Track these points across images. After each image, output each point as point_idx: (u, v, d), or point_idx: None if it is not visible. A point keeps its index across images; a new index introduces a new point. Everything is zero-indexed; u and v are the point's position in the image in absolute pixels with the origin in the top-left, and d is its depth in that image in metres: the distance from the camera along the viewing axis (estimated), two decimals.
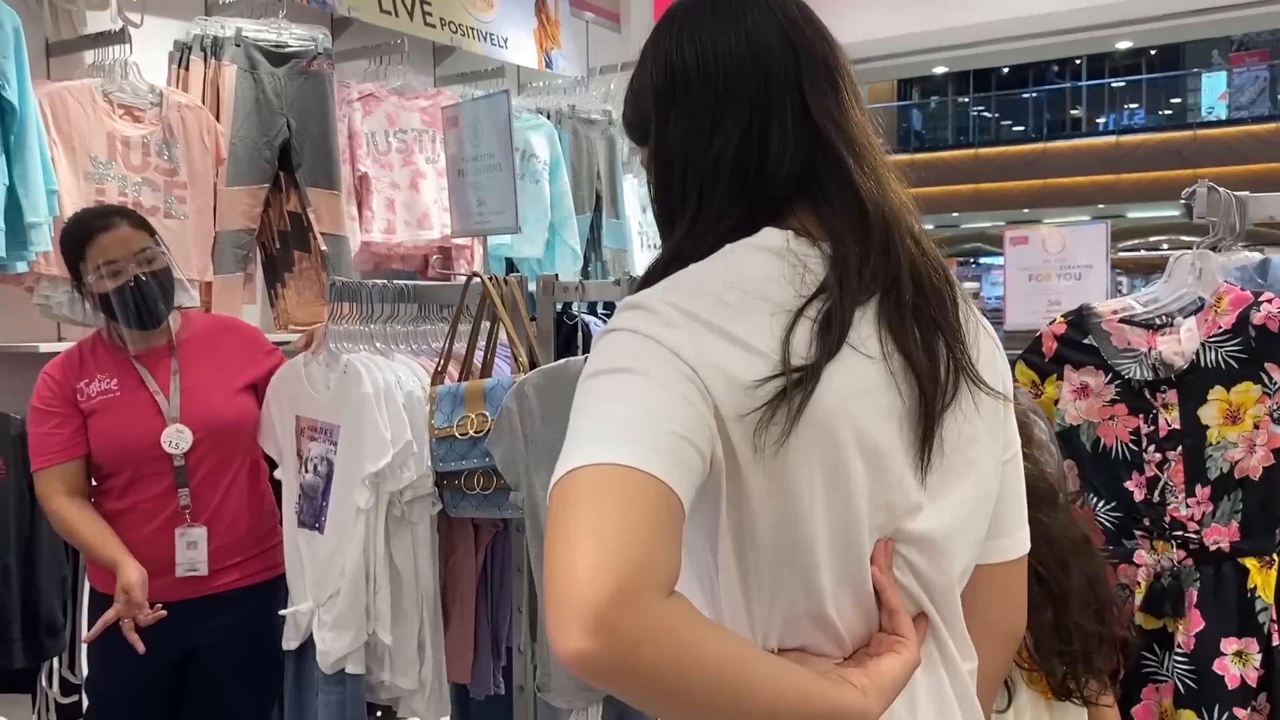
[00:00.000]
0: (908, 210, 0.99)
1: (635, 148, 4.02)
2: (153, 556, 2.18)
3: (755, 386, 0.86)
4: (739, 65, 0.97)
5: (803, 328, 0.89)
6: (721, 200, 0.96)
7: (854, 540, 0.91)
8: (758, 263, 0.92)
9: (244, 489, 2.35)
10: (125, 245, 2.19)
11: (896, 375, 0.92)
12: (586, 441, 0.81)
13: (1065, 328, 1.69)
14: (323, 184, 3.20)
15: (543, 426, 1.97)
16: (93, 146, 2.74)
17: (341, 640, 2.15)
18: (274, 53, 3.11)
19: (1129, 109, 19.10)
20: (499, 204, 2.29)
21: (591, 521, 0.76)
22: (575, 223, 4.03)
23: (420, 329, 2.41)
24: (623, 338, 0.88)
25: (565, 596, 0.73)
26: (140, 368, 2.26)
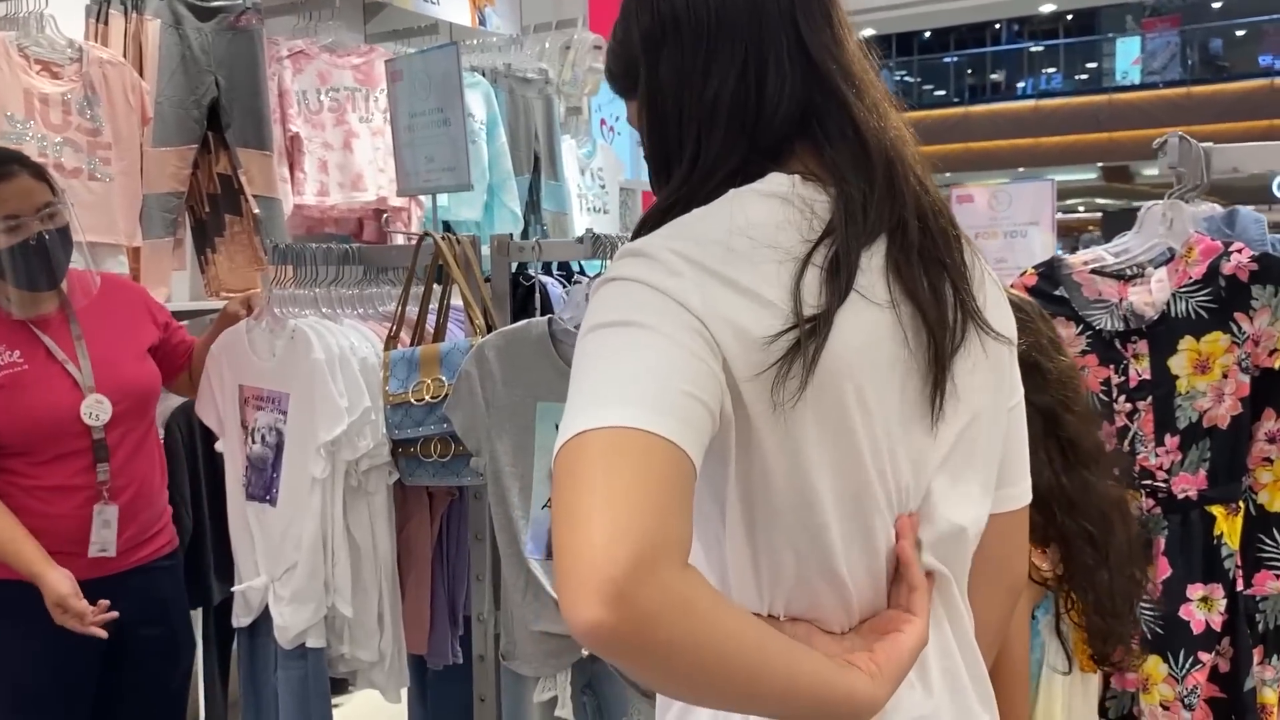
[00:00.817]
0: (908, 144, 0.97)
1: (574, 109, 3.97)
2: (70, 536, 2.06)
3: (769, 342, 0.83)
4: (731, 6, 0.94)
5: (811, 275, 0.86)
6: (721, 142, 0.92)
7: (862, 497, 0.89)
8: (764, 209, 0.89)
9: (152, 459, 2.25)
10: (28, 198, 2.02)
11: (904, 323, 0.90)
12: (592, 402, 0.77)
13: (1036, 279, 1.69)
14: (254, 144, 3.08)
15: (504, 390, 1.92)
16: (9, 104, 2.59)
17: (301, 614, 2.09)
18: (200, 7, 2.97)
19: (1047, 74, 19.44)
20: (448, 160, 2.21)
21: (604, 489, 0.73)
22: (514, 184, 3.95)
23: (366, 292, 2.33)
24: (624, 287, 0.84)
25: (580, 567, 0.71)
26: (44, 337, 2.08)
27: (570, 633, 0.72)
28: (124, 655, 2.18)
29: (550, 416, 1.91)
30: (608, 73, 1.05)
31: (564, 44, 4.41)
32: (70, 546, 2.05)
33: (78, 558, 2.06)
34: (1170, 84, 17.29)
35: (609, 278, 0.87)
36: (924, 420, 0.91)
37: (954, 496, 0.95)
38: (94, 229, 2.72)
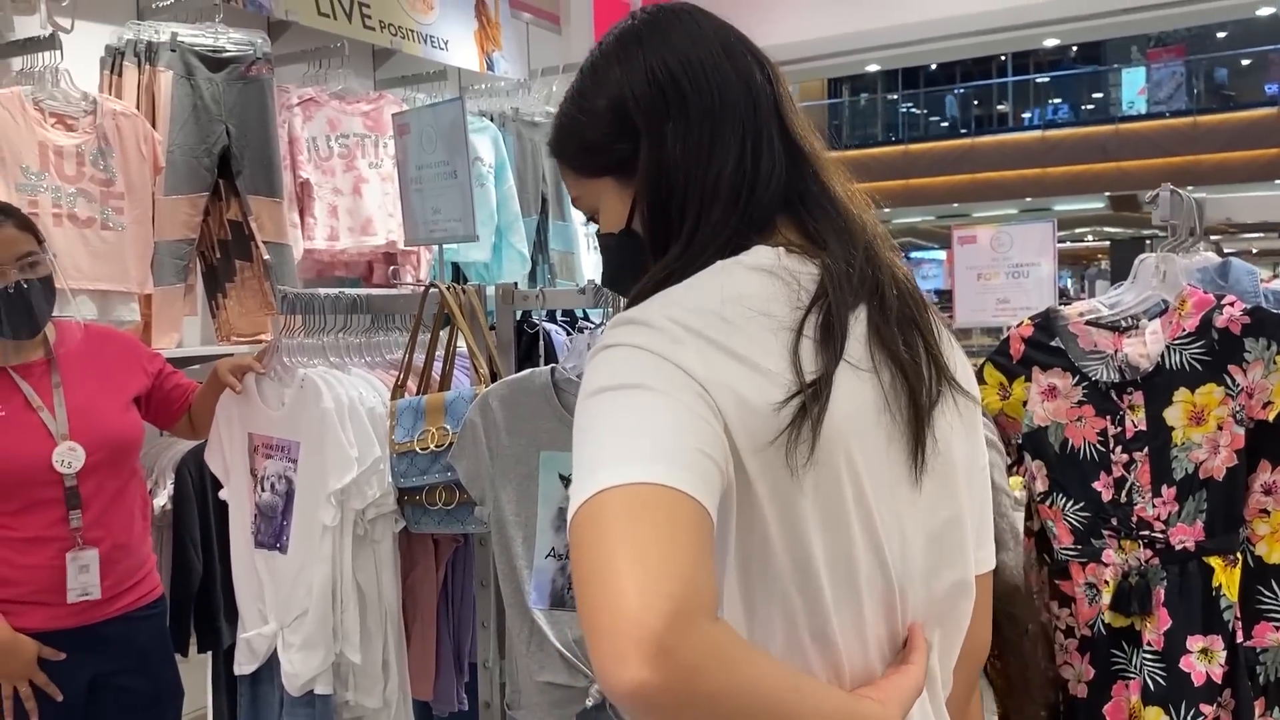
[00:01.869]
0: (875, 218, 1.02)
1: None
2: (46, 585, 2.08)
3: (777, 409, 0.85)
4: (728, 81, 0.98)
5: (805, 343, 0.89)
6: (719, 218, 0.95)
7: (853, 561, 0.91)
8: (753, 281, 0.92)
9: (134, 508, 2.26)
10: (10, 247, 2.05)
11: (886, 387, 0.93)
12: (607, 461, 0.77)
13: (1032, 330, 1.71)
14: (264, 191, 3.12)
15: (508, 439, 1.94)
16: (24, 157, 2.64)
17: (311, 661, 2.10)
18: (211, 58, 3.02)
19: (1053, 104, 19.52)
20: (455, 212, 2.25)
21: (633, 544, 0.72)
22: (522, 226, 4.00)
23: (374, 340, 2.36)
24: (626, 353, 0.86)
25: (617, 624, 0.69)
26: (23, 384, 2.11)
27: (608, 695, 0.71)
28: (104, 705, 2.20)
29: (553, 465, 1.93)
30: (566, 146, 1.04)
31: None
32: (47, 596, 2.08)
33: (56, 606, 2.08)
34: (1177, 113, 17.34)
35: (608, 344, 0.88)
36: (909, 476, 0.94)
37: (945, 551, 0.98)
38: (107, 277, 2.78)
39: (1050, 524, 1.70)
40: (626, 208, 1.01)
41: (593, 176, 1.03)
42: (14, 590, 2.07)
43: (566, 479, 1.92)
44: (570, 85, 1.05)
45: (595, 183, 1.03)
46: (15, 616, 2.07)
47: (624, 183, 1.00)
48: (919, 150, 18.42)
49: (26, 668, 2.06)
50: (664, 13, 1.03)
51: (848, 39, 6.34)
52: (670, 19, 1.01)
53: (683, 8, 1.03)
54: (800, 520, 0.87)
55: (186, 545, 2.80)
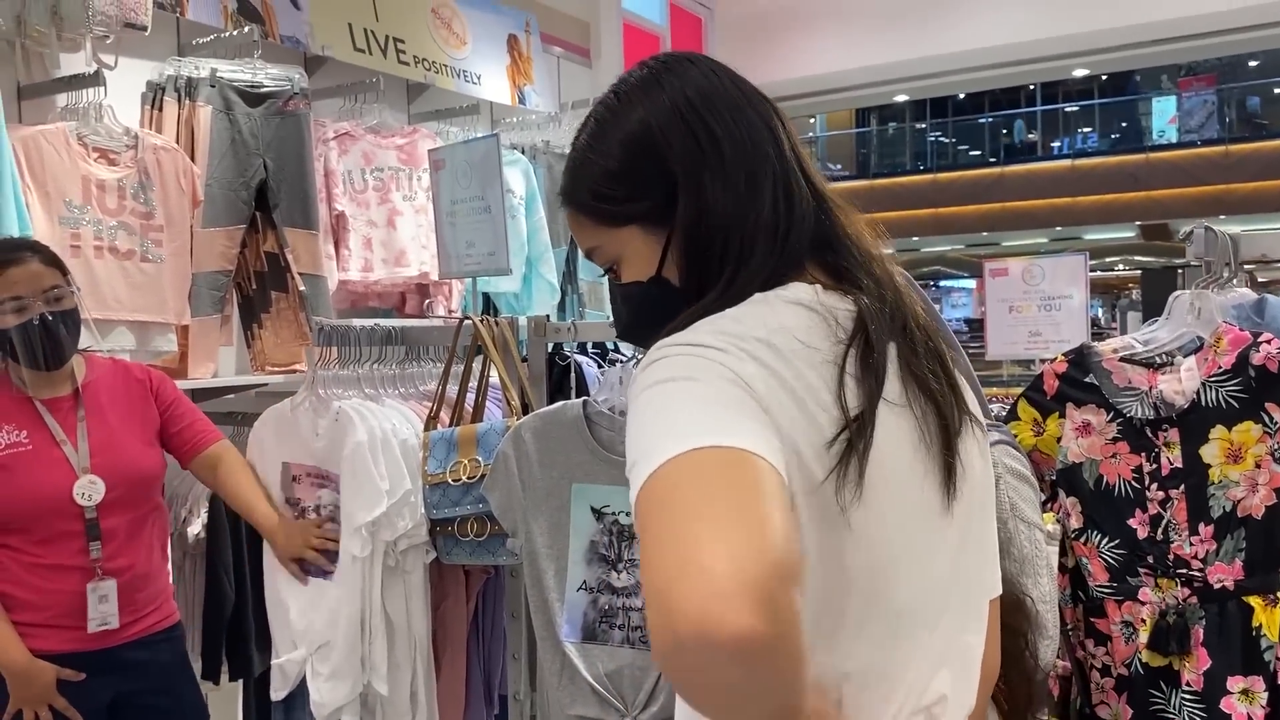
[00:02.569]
0: (887, 250, 1.04)
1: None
2: (67, 610, 2.14)
3: (828, 446, 0.85)
4: (754, 125, 0.99)
5: (846, 381, 0.90)
6: (758, 262, 0.96)
7: (889, 600, 0.91)
8: (792, 315, 0.92)
9: (153, 540, 2.30)
10: (34, 281, 2.11)
11: (919, 422, 0.94)
12: (670, 435, 0.75)
13: (1066, 366, 1.70)
14: (300, 224, 3.17)
15: (540, 471, 1.95)
16: (67, 190, 2.69)
17: (338, 691, 2.12)
18: (249, 93, 3.08)
19: (1083, 133, 19.45)
20: (489, 246, 2.28)
21: (727, 497, 0.69)
22: (552, 257, 4.03)
23: (408, 371, 2.38)
24: (677, 352, 0.85)
25: (718, 574, 0.64)
26: (49, 418, 2.17)
27: (694, 643, 0.64)
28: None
29: (586, 498, 1.94)
30: (588, 196, 1.01)
31: None
32: (68, 620, 2.14)
33: (76, 630, 2.14)
34: (1208, 142, 17.23)
35: (653, 359, 0.86)
36: (941, 504, 0.95)
37: (970, 576, 1.00)
38: (145, 309, 2.82)
39: (1085, 561, 1.68)
40: (656, 255, 1.00)
41: (618, 226, 1.01)
42: (36, 614, 2.13)
43: (599, 511, 1.92)
44: (583, 134, 1.03)
45: (619, 232, 1.01)
46: (37, 639, 2.12)
47: (652, 230, 1.00)
48: (948, 179, 18.39)
49: (45, 692, 2.11)
50: (677, 62, 1.03)
51: (879, 70, 6.37)
52: (687, 67, 1.02)
53: (694, 55, 1.04)
54: (845, 557, 0.88)
55: (219, 573, 2.82)
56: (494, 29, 4.40)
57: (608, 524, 1.92)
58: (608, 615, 1.88)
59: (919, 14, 6.09)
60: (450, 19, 4.18)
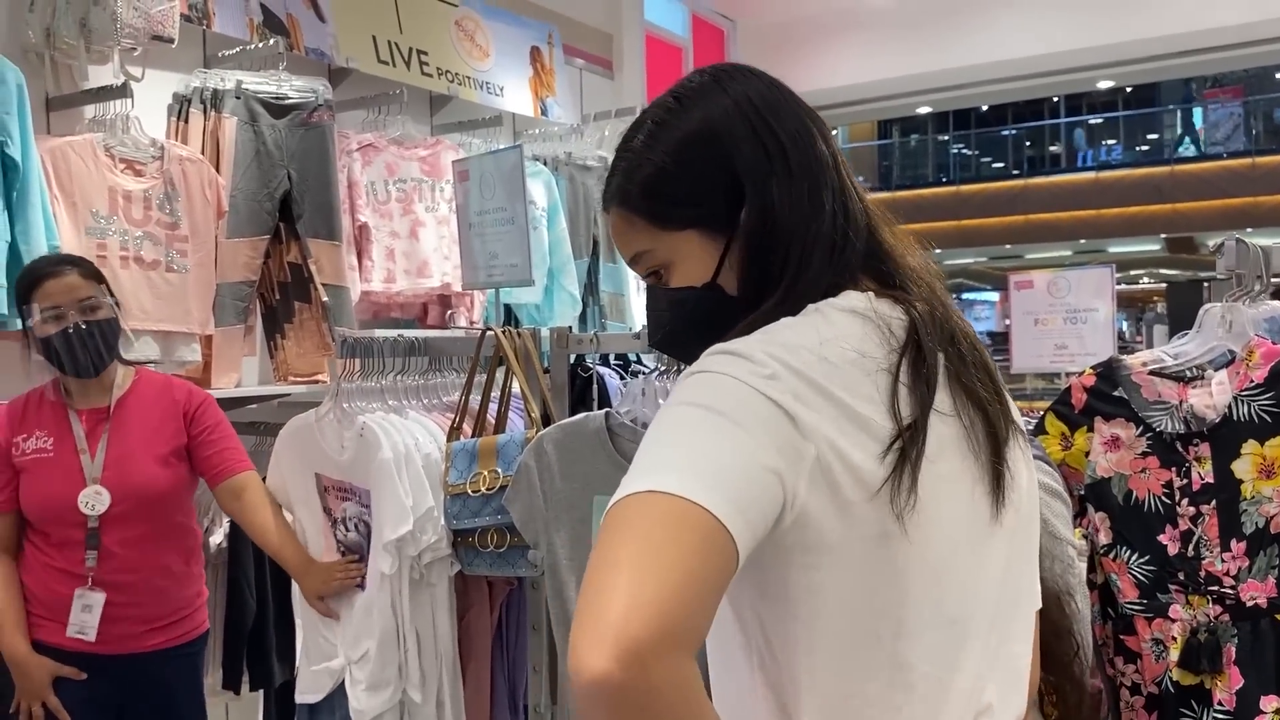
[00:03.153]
0: (929, 260, 1.05)
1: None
2: (68, 612, 2.23)
3: (879, 460, 0.86)
4: (812, 136, 1.00)
5: (899, 390, 0.90)
6: (816, 271, 0.96)
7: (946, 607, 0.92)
8: (846, 323, 0.93)
9: (168, 557, 2.33)
10: (70, 292, 2.20)
11: (968, 431, 0.94)
12: (660, 467, 0.78)
13: (1095, 379, 1.68)
14: (323, 235, 3.18)
15: (562, 483, 1.94)
16: (94, 201, 2.71)
17: (376, 700, 2.13)
18: (274, 104, 3.10)
19: (1106, 145, 19.33)
20: (512, 256, 2.28)
21: (659, 553, 0.74)
22: (574, 268, 4.03)
23: (431, 382, 2.38)
24: (717, 380, 0.85)
25: (610, 618, 0.71)
26: (77, 426, 2.26)
27: (571, 675, 0.72)
28: None
29: (606, 510, 1.93)
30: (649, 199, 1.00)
31: (623, 131, 4.51)
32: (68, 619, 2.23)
33: None
34: (1234, 154, 17.09)
35: (702, 369, 0.87)
36: (990, 512, 0.95)
37: (1027, 576, 1.01)
38: (170, 319, 2.84)
39: (1114, 577, 1.66)
40: (712, 261, 0.99)
41: (675, 229, 1.00)
42: (46, 610, 2.26)
43: None
44: (637, 136, 1.03)
45: (675, 235, 1.00)
46: (47, 632, 2.24)
47: (711, 235, 0.99)
48: (970, 191, 18.31)
49: (40, 687, 2.21)
50: (739, 72, 1.03)
51: (901, 82, 6.35)
52: (749, 77, 1.03)
53: (752, 68, 1.04)
54: (900, 565, 0.88)
55: (241, 584, 2.83)
56: (517, 41, 4.42)
57: None
58: None
59: (942, 25, 6.07)
60: (473, 31, 4.20)
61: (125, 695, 2.30)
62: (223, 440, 2.38)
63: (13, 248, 2.49)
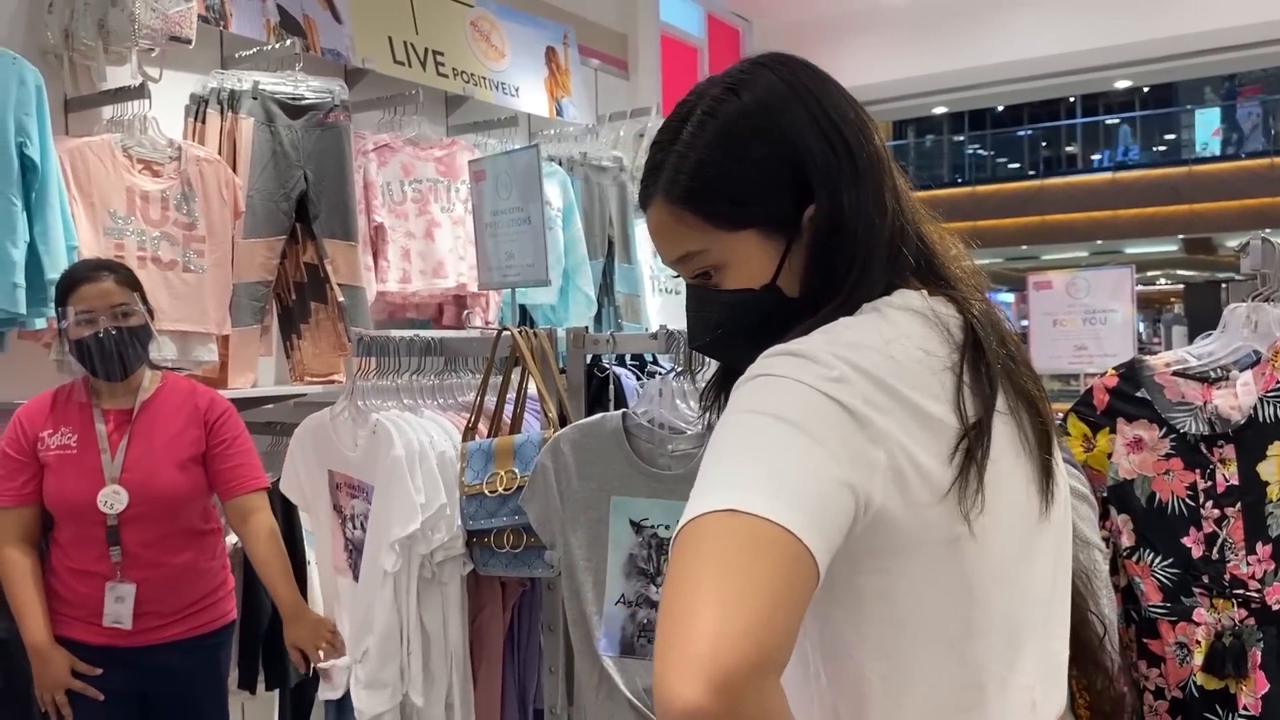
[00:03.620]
0: (968, 257, 1.04)
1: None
2: (92, 610, 2.29)
3: (947, 461, 0.85)
4: (872, 138, 0.98)
5: (963, 389, 0.89)
6: (878, 271, 0.95)
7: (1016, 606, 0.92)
8: (906, 321, 0.91)
9: (185, 553, 2.37)
10: (104, 298, 2.26)
11: (1019, 426, 0.94)
12: (731, 484, 0.75)
13: (1117, 380, 1.66)
14: (340, 235, 3.18)
15: (579, 483, 1.94)
16: (112, 202, 2.72)
17: (375, 700, 2.12)
18: (291, 105, 3.10)
19: (1124, 145, 19.22)
20: (528, 256, 2.27)
21: (740, 577, 0.71)
22: (589, 269, 4.03)
23: (446, 382, 2.38)
24: (785, 385, 0.82)
25: (699, 647, 0.68)
26: (100, 426, 2.31)
27: (659, 706, 0.70)
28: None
29: (624, 510, 1.92)
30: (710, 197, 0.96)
31: (638, 132, 4.51)
32: (92, 617, 2.30)
33: (99, 626, 2.30)
34: (1253, 155, 16.96)
35: (765, 373, 0.84)
36: (1039, 509, 0.94)
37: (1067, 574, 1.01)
38: (186, 319, 2.84)
39: (1137, 580, 1.64)
40: (772, 262, 0.96)
41: (734, 229, 0.96)
42: (70, 609, 2.32)
43: (637, 524, 1.90)
44: (692, 126, 0.97)
45: (733, 235, 0.96)
46: (70, 628, 2.30)
47: (771, 235, 0.96)
48: (986, 192, 18.24)
49: (61, 676, 2.25)
50: (791, 59, 1.00)
51: (917, 82, 6.33)
52: (802, 65, 1.00)
53: (800, 58, 1.01)
54: (967, 565, 0.87)
55: (257, 584, 2.83)
56: (532, 42, 4.42)
57: (647, 537, 1.90)
58: (646, 629, 1.86)
59: (958, 25, 6.04)
60: (489, 32, 4.20)
61: (147, 685, 2.36)
62: (240, 455, 2.42)
63: (31, 248, 2.50)
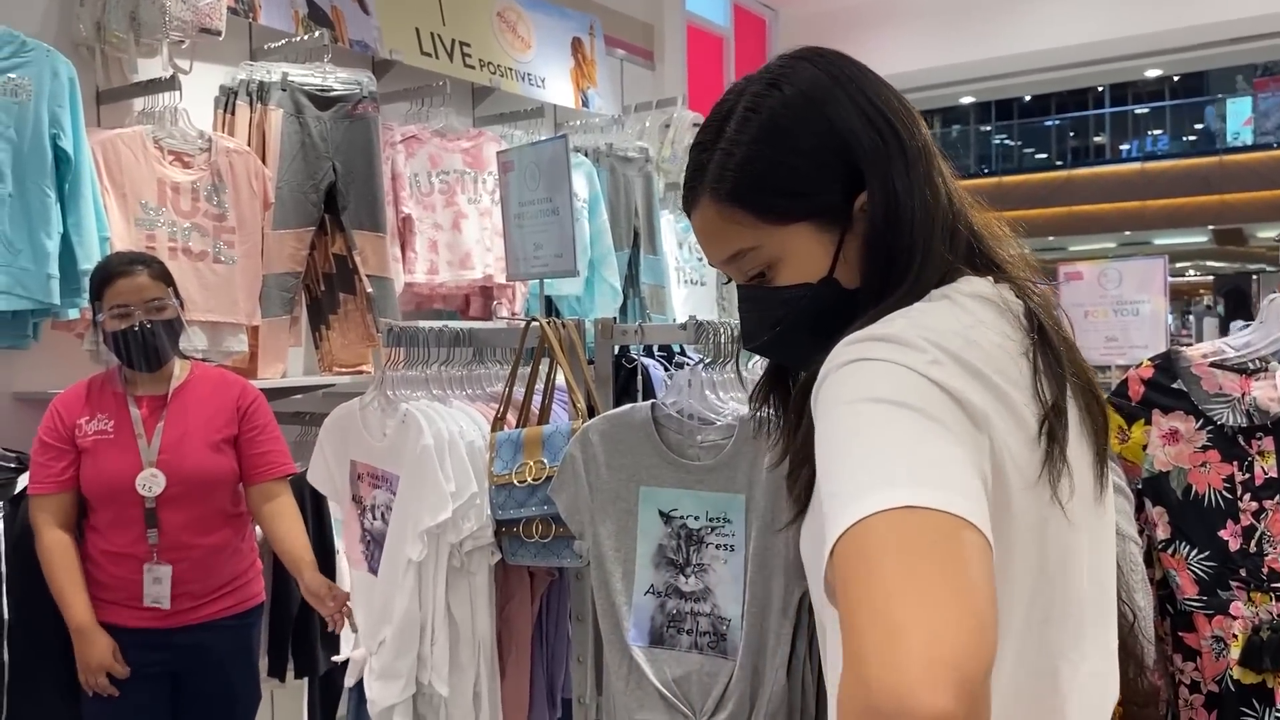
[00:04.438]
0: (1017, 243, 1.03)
1: (672, 185, 3.96)
2: (129, 592, 2.36)
3: (1035, 443, 0.84)
4: (917, 122, 0.98)
5: (1038, 373, 0.89)
6: (938, 255, 0.94)
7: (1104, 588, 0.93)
8: (978, 308, 0.90)
9: (218, 534, 2.43)
10: (139, 293, 2.32)
11: (1081, 410, 0.93)
12: (896, 478, 0.72)
13: (1153, 371, 1.64)
14: (368, 226, 3.20)
15: (608, 474, 1.94)
16: (143, 193, 2.74)
17: (388, 691, 2.12)
18: (319, 96, 3.11)
19: (1153, 135, 19.01)
20: (556, 248, 2.27)
21: (938, 573, 0.67)
22: (614, 259, 4.03)
23: (475, 373, 2.38)
24: (884, 369, 0.79)
25: (941, 652, 0.65)
26: (135, 412, 2.38)
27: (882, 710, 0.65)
28: (183, 700, 2.46)
29: (653, 501, 1.92)
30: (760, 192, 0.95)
31: (664, 122, 4.51)
32: (129, 600, 2.37)
33: (136, 609, 2.37)
34: None
35: (857, 358, 0.82)
36: (1096, 493, 0.94)
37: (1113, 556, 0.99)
38: (217, 309, 2.86)
39: (1173, 574, 1.62)
40: (827, 255, 0.95)
41: (786, 223, 0.95)
42: (107, 592, 2.38)
43: (667, 515, 1.90)
44: (735, 122, 0.97)
45: (786, 230, 0.96)
46: (108, 613, 2.36)
47: (825, 228, 0.95)
48: (1013, 182, 18.09)
49: (104, 657, 2.30)
50: (829, 51, 1.00)
51: (943, 71, 6.28)
52: (840, 56, 1.00)
53: (839, 53, 1.01)
54: (1051, 553, 0.87)
55: (285, 573, 2.85)
56: (558, 32, 4.41)
57: (676, 528, 1.90)
58: (675, 620, 1.86)
59: (985, 13, 5.99)
60: (515, 22, 4.20)
61: (180, 665, 2.42)
62: (269, 442, 2.50)
63: (64, 239, 2.52)
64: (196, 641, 2.42)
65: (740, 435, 1.84)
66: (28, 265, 2.48)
